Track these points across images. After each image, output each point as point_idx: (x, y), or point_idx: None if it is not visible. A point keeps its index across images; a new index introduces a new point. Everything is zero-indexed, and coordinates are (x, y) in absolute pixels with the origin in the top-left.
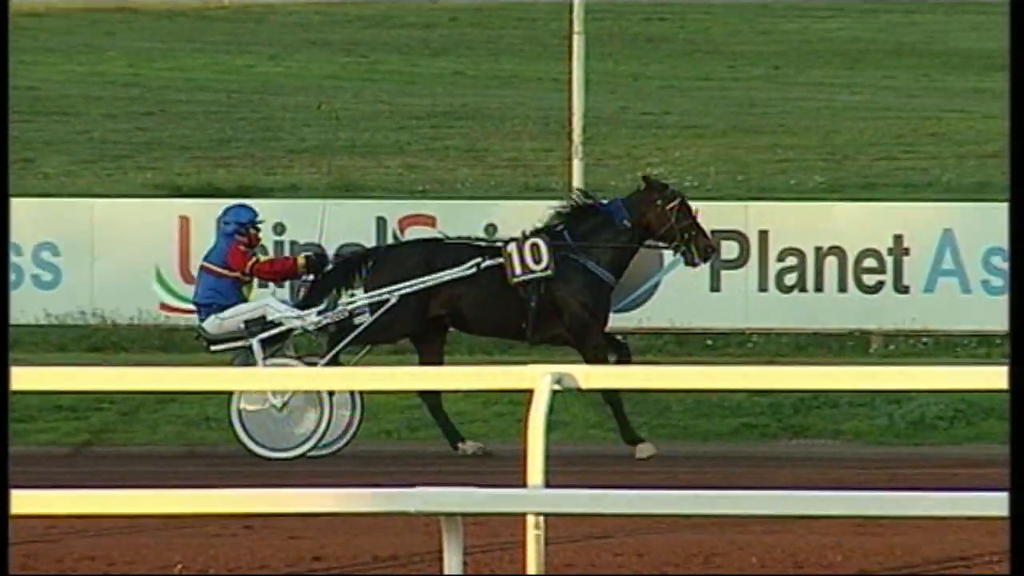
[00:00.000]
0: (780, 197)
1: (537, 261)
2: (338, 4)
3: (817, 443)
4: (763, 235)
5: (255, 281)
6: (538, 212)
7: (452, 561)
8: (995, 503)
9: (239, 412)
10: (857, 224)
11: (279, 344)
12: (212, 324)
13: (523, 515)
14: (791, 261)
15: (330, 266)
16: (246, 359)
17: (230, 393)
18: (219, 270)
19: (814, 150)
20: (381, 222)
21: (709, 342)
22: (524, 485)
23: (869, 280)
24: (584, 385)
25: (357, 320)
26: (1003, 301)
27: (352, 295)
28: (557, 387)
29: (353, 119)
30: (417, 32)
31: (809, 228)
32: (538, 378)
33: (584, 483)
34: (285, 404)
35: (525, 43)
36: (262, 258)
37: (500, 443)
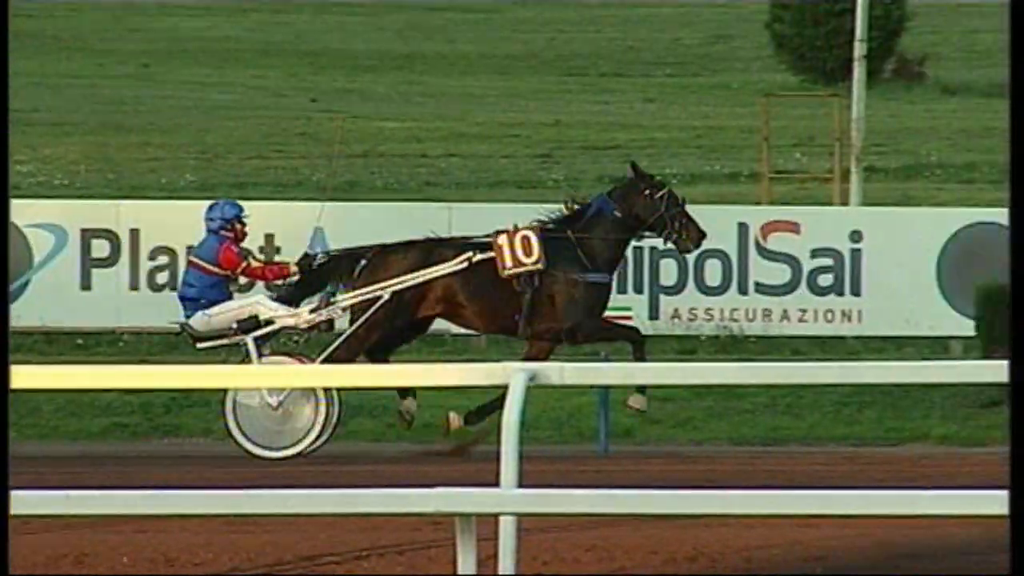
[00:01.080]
0: (151, 196)
1: (528, 254)
2: None
3: (188, 442)
4: (134, 234)
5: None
6: None
7: None
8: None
9: (233, 412)
10: None
11: (264, 342)
12: (200, 321)
13: None
14: (162, 260)
15: (318, 262)
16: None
17: (224, 392)
18: (209, 267)
19: (185, 148)
20: None
21: (80, 341)
22: None
23: None
24: None
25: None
26: None
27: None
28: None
29: None
30: None
31: (181, 227)
32: None
33: None
34: (280, 403)
35: None
36: (254, 263)
37: None
